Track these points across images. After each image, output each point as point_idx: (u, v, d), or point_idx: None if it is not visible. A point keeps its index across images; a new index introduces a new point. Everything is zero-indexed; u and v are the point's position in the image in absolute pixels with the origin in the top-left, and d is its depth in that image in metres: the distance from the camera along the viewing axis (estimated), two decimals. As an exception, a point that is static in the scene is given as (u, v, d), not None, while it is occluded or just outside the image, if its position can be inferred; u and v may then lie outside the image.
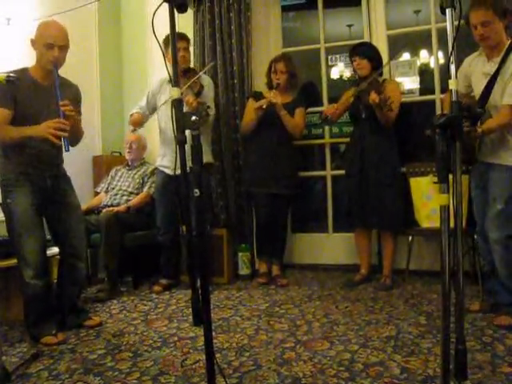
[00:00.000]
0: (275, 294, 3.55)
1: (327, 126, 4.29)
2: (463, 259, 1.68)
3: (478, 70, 2.76)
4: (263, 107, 3.72)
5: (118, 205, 3.97)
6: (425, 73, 4.76)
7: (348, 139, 3.91)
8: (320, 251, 4.38)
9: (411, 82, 4.19)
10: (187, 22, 4.25)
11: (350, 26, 5.75)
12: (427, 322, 2.74)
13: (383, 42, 4.08)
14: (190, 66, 3.90)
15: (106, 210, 3.87)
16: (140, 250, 3.95)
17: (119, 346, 2.56)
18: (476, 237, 2.96)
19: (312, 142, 4.50)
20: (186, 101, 3.35)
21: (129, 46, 4.85)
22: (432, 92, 4.07)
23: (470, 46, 2.84)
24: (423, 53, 5.06)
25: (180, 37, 3.57)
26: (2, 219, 2.82)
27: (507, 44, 2.62)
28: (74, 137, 2.73)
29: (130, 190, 4.11)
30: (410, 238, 3.63)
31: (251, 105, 3.89)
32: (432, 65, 4.33)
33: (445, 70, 3.84)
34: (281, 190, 3.86)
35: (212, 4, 4.24)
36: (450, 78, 1.66)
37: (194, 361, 2.31)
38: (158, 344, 2.57)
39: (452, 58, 1.64)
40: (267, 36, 4.45)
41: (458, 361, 1.61)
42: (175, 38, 1.73)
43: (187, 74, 3.64)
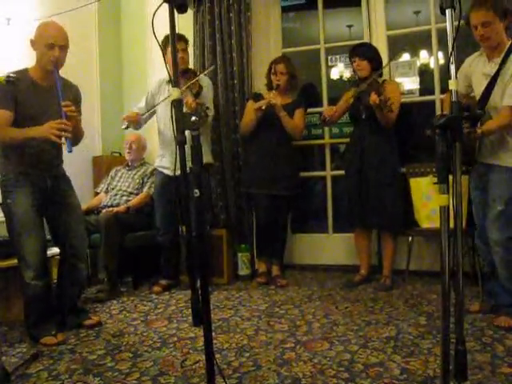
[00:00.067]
0: (275, 294, 3.55)
1: (327, 127, 4.28)
2: (463, 260, 1.68)
3: (478, 71, 2.75)
4: (262, 108, 3.72)
5: (117, 205, 3.97)
6: (425, 73, 4.77)
7: (348, 140, 3.91)
8: (320, 252, 4.38)
9: (411, 83, 4.19)
10: (187, 23, 4.25)
11: (349, 26, 5.76)
12: (427, 323, 2.73)
13: (383, 43, 4.08)
14: (189, 67, 3.90)
15: (105, 210, 3.87)
16: (140, 251, 3.95)
17: (119, 347, 2.56)
18: (475, 238, 2.96)
19: (312, 142, 4.50)
20: (185, 102, 3.36)
21: (129, 47, 4.85)
22: (432, 92, 4.07)
23: (471, 46, 2.84)
24: (423, 53, 5.06)
25: (178, 38, 3.57)
26: (2, 219, 2.82)
27: (508, 45, 2.61)
28: (75, 137, 2.73)
29: (129, 190, 4.11)
30: (410, 238, 3.64)
31: (251, 106, 3.89)
32: (432, 65, 4.33)
33: (445, 71, 3.85)
34: (281, 191, 3.86)
35: (212, 4, 4.24)
36: (449, 78, 1.66)
37: (194, 361, 2.31)
38: (158, 344, 2.57)
39: (452, 59, 1.64)
40: (267, 36, 4.44)
41: (457, 361, 1.61)
42: (175, 38, 1.73)
43: (186, 74, 3.64)
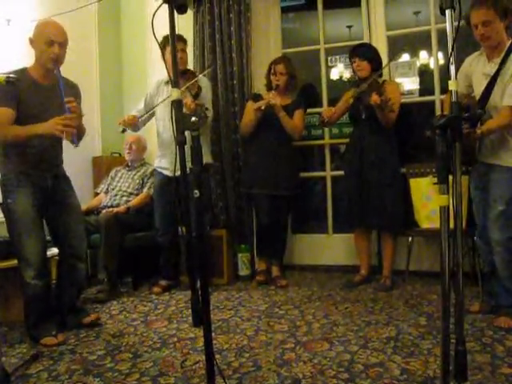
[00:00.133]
0: (275, 294, 3.55)
1: (327, 128, 4.28)
2: (463, 260, 1.68)
3: (478, 71, 2.75)
4: (262, 108, 3.72)
5: (117, 205, 3.97)
6: (424, 74, 4.77)
7: (348, 140, 3.91)
8: (320, 252, 4.38)
9: (411, 83, 4.19)
10: (187, 23, 4.25)
11: (349, 26, 5.76)
12: (427, 323, 2.73)
13: (383, 43, 4.08)
14: (188, 67, 3.89)
15: (105, 210, 3.87)
16: (140, 251, 3.95)
17: (119, 347, 2.56)
18: (476, 238, 2.96)
19: (312, 142, 4.50)
20: (184, 103, 3.35)
21: (129, 47, 4.85)
22: (432, 93, 4.07)
23: (471, 46, 2.83)
24: (423, 54, 5.06)
25: (177, 38, 3.57)
26: (2, 220, 2.82)
27: (508, 44, 2.61)
28: (78, 134, 2.73)
29: (129, 190, 4.11)
30: (410, 238, 3.63)
31: (250, 106, 3.88)
32: (432, 66, 4.33)
33: (444, 71, 3.85)
34: (281, 191, 3.86)
35: (212, 5, 4.24)
36: (449, 78, 1.66)
37: (194, 362, 2.31)
38: (158, 345, 2.57)
39: (452, 59, 1.64)
40: (267, 37, 4.44)
41: (457, 362, 1.61)
42: (175, 39, 1.73)
43: (185, 75, 3.64)
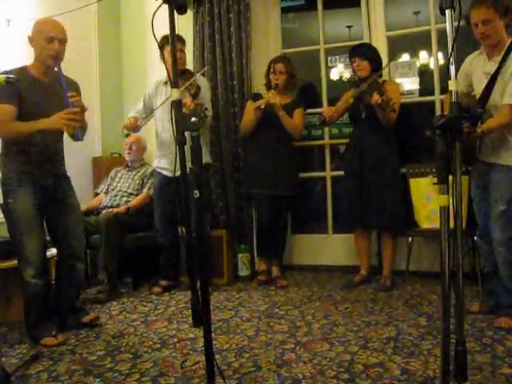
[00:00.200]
0: (275, 295, 3.55)
1: (327, 128, 4.28)
2: (463, 260, 1.68)
3: (478, 69, 2.74)
4: (261, 107, 3.72)
5: (117, 206, 3.96)
6: (424, 74, 4.76)
7: (347, 140, 3.91)
8: (320, 252, 4.38)
9: (411, 83, 4.19)
10: (187, 24, 4.25)
11: (349, 27, 5.76)
12: (427, 323, 2.73)
13: (383, 43, 4.08)
14: (186, 67, 3.88)
15: (105, 211, 3.87)
16: (140, 251, 3.94)
17: (119, 348, 2.56)
18: (476, 238, 2.96)
19: (312, 143, 4.50)
20: (183, 103, 3.35)
21: (128, 47, 4.85)
22: (432, 93, 4.06)
23: (471, 46, 2.83)
24: (423, 54, 5.06)
25: (175, 38, 3.56)
26: (2, 220, 2.82)
27: (508, 43, 2.60)
28: (81, 128, 2.73)
29: (129, 191, 4.11)
30: (410, 238, 3.63)
31: (250, 106, 3.88)
32: (432, 66, 4.32)
33: (444, 71, 3.84)
34: (280, 191, 3.86)
35: (212, 5, 4.24)
36: (449, 78, 1.66)
37: (194, 362, 2.31)
38: (158, 345, 2.57)
39: (452, 59, 1.64)
40: (267, 37, 4.44)
41: (457, 362, 1.61)
42: (175, 39, 1.73)
43: (183, 75, 3.63)
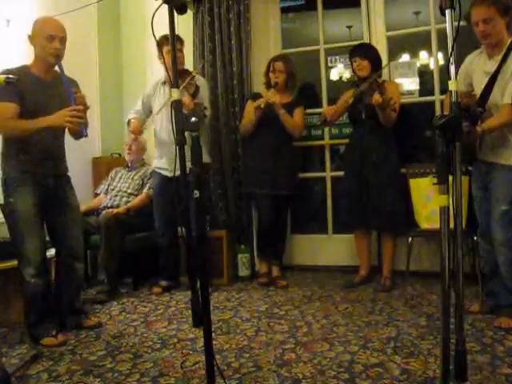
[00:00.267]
0: (275, 295, 3.55)
1: (327, 128, 4.28)
2: (463, 260, 1.68)
3: (479, 69, 2.74)
4: (261, 107, 3.72)
5: (117, 206, 3.96)
6: (424, 74, 4.77)
7: (347, 140, 3.91)
8: (320, 252, 4.37)
9: (411, 84, 4.19)
10: (187, 24, 4.24)
11: (349, 27, 5.77)
12: (427, 323, 2.73)
13: (383, 44, 4.07)
14: (185, 67, 3.87)
15: (105, 211, 3.86)
16: (140, 252, 3.94)
17: (119, 348, 2.56)
18: (477, 237, 2.95)
19: (311, 143, 4.50)
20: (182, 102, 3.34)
21: (128, 47, 4.85)
22: (431, 93, 4.06)
23: (471, 46, 2.83)
24: (423, 54, 5.06)
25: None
26: (2, 220, 2.82)
27: (508, 42, 2.59)
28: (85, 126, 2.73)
29: (129, 191, 4.10)
30: (410, 239, 3.63)
31: (250, 106, 3.88)
32: (432, 66, 4.32)
33: (444, 72, 3.84)
34: (280, 191, 3.86)
35: (211, 5, 4.23)
36: (449, 79, 1.66)
37: (194, 362, 2.31)
38: (158, 345, 2.57)
39: (452, 59, 1.64)
40: (267, 37, 4.44)
41: (457, 362, 1.61)
42: (175, 39, 1.73)
43: (182, 75, 3.63)
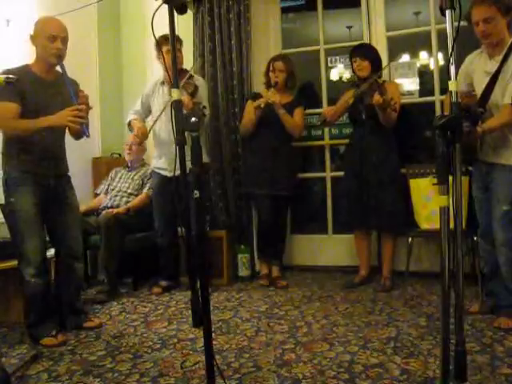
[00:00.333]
0: (275, 295, 3.55)
1: (327, 128, 4.28)
2: (463, 261, 1.68)
3: (479, 69, 2.73)
4: (261, 106, 3.72)
5: (117, 206, 3.96)
6: (424, 74, 4.76)
7: (347, 141, 3.91)
8: (320, 252, 4.37)
9: (411, 84, 4.19)
10: (187, 24, 4.24)
11: (349, 27, 5.76)
12: (427, 324, 2.73)
13: (383, 44, 4.07)
14: (183, 67, 3.86)
15: (105, 211, 3.86)
16: (140, 252, 3.94)
17: (119, 348, 2.56)
18: (476, 238, 2.95)
19: (312, 143, 4.50)
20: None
21: (128, 47, 4.84)
22: (432, 93, 4.06)
23: (471, 47, 2.82)
24: (423, 54, 5.06)
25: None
26: (2, 220, 2.82)
27: (509, 42, 2.59)
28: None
29: (129, 191, 4.10)
30: (410, 239, 3.63)
31: (250, 106, 3.88)
32: (432, 66, 4.32)
33: (444, 72, 3.84)
34: (279, 191, 3.85)
35: (211, 5, 4.23)
36: (449, 79, 1.66)
37: (194, 362, 2.31)
38: (158, 346, 2.57)
39: (452, 60, 1.64)
40: (267, 37, 4.44)
41: (457, 362, 1.61)
42: (175, 39, 1.73)
43: (180, 75, 3.62)
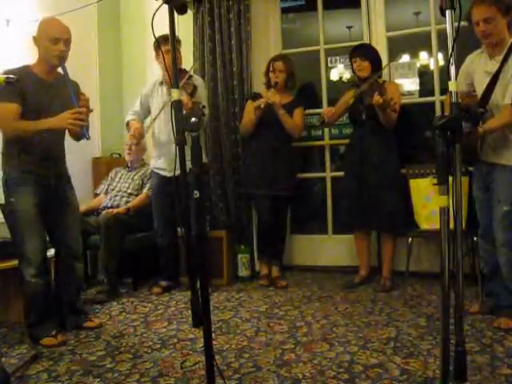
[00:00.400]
0: (275, 295, 3.55)
1: (327, 128, 4.28)
2: (462, 261, 1.68)
3: (479, 69, 2.73)
4: (261, 107, 3.72)
5: (117, 206, 3.96)
6: (424, 74, 4.76)
7: (347, 141, 3.91)
8: (320, 253, 4.37)
9: (411, 84, 4.19)
10: (187, 24, 4.24)
11: (349, 27, 5.76)
12: (427, 324, 2.73)
13: (383, 44, 4.07)
14: (182, 67, 3.86)
15: (105, 211, 3.86)
16: (140, 252, 3.94)
17: (119, 348, 2.56)
18: (476, 238, 2.95)
19: (312, 143, 4.49)
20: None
21: (128, 47, 4.84)
22: (432, 94, 4.06)
23: (471, 47, 2.82)
24: (423, 54, 5.06)
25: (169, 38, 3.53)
26: (2, 220, 2.82)
27: (510, 42, 2.58)
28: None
29: (129, 191, 4.10)
30: (410, 239, 3.62)
31: (250, 106, 3.88)
32: (432, 66, 4.32)
33: (445, 72, 3.83)
34: (279, 191, 3.85)
35: (212, 5, 4.23)
36: (449, 79, 1.66)
37: (194, 362, 2.31)
38: (158, 346, 2.57)
39: (452, 60, 1.64)
40: (267, 37, 4.43)
41: (457, 362, 1.62)
42: (175, 39, 1.74)
43: (179, 75, 3.61)
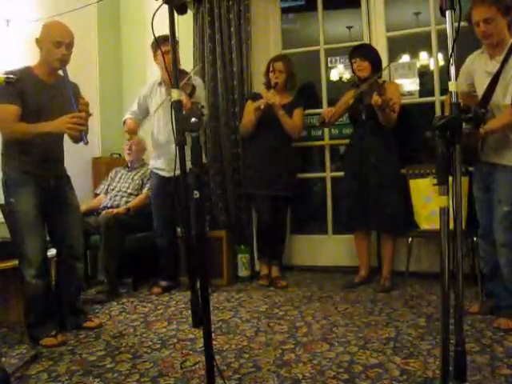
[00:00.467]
0: (275, 295, 3.55)
1: (326, 128, 4.28)
2: (462, 261, 1.68)
3: (480, 69, 2.72)
4: (261, 107, 3.72)
5: (117, 206, 3.96)
6: (424, 75, 4.76)
7: (347, 141, 3.91)
8: (319, 253, 4.37)
9: (411, 84, 4.19)
10: (187, 24, 4.25)
11: (349, 27, 5.77)
12: (426, 324, 2.73)
13: (383, 44, 4.07)
14: (181, 67, 3.86)
15: (105, 211, 3.86)
16: (139, 252, 3.94)
17: (119, 348, 2.56)
18: (476, 238, 2.95)
19: (311, 143, 4.50)
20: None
21: (128, 47, 4.85)
22: (432, 94, 4.06)
23: (471, 47, 2.82)
24: (423, 55, 5.06)
25: (167, 39, 3.54)
26: (2, 220, 2.82)
27: (510, 42, 2.58)
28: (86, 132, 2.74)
29: (129, 191, 4.10)
30: (410, 239, 3.63)
31: (250, 106, 3.88)
32: (432, 67, 4.32)
33: (445, 72, 3.83)
34: (279, 191, 3.86)
35: (212, 5, 4.23)
36: (449, 79, 1.66)
37: (194, 362, 2.31)
38: (158, 346, 2.57)
39: (452, 60, 1.64)
40: (267, 37, 4.44)
41: (457, 363, 1.61)
42: (175, 39, 1.74)
43: (178, 75, 3.61)
